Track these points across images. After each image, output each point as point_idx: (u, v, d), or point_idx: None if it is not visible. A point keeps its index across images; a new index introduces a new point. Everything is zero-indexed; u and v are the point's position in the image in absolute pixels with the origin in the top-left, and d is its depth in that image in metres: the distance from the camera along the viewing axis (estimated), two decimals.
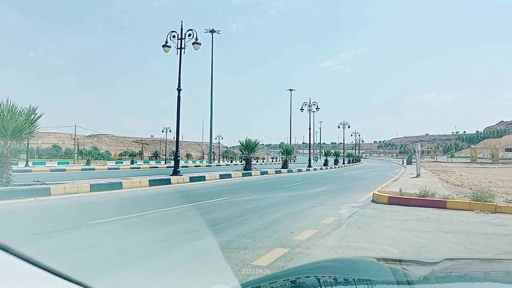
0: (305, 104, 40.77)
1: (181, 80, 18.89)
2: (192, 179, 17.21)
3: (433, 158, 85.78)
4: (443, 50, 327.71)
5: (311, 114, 40.77)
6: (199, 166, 46.45)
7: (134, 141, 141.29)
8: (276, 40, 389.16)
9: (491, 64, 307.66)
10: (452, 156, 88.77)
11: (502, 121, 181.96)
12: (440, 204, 8.97)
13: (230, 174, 21.11)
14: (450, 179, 18.83)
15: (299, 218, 7.28)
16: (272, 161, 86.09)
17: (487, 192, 9.05)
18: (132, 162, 51.39)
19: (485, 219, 7.39)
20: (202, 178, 18.04)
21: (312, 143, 47.02)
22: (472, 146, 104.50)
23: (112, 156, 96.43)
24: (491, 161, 66.37)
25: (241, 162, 47.00)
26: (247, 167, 25.93)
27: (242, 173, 22.77)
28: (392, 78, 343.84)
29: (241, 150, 29.28)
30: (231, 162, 71.41)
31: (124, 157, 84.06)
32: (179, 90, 18.86)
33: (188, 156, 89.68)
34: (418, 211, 8.31)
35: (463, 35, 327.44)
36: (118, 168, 34.79)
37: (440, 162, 66.43)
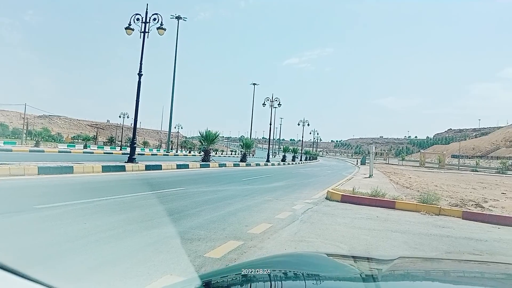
0: (268, 99, 41.04)
1: (142, 64, 18.35)
2: (148, 168, 16.82)
3: (386, 160, 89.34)
4: (403, 57, 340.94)
5: (273, 109, 41.11)
6: (156, 154, 45.56)
7: (88, 125, 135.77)
8: (243, 32, 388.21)
9: (447, 73, 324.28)
10: (403, 159, 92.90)
11: (451, 129, 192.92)
12: (390, 205, 9.36)
13: (188, 165, 20.86)
14: (400, 181, 19.70)
15: (255, 211, 7.32)
16: (231, 154, 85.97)
17: (432, 195, 9.56)
18: (85, 147, 49.45)
19: (430, 221, 7.79)
20: (159, 167, 17.69)
21: (272, 138, 47.49)
22: (422, 151, 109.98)
23: (64, 139, 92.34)
24: (438, 166, 70.15)
25: (199, 153, 46.56)
26: (206, 158, 25.73)
27: (200, 164, 22.57)
28: (354, 80, 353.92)
29: (200, 141, 28.92)
30: (190, 152, 70.51)
31: (77, 140, 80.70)
32: (140, 75, 18.31)
33: (145, 144, 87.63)
34: (369, 210, 8.61)
35: (424, 43, 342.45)
36: (70, 152, 33.37)
37: (392, 164, 69.36)
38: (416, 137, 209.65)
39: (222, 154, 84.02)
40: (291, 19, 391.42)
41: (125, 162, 16.83)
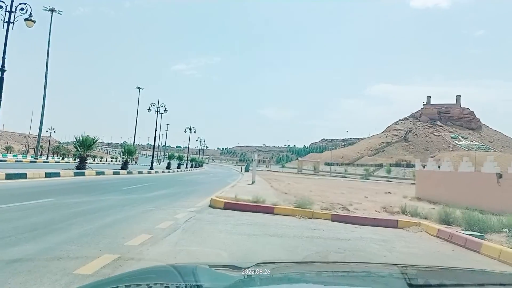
0: (153, 105, 39.69)
1: (5, 59, 16.11)
2: (9, 176, 14.76)
3: (268, 167, 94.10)
4: (283, 69, 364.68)
5: (159, 115, 39.96)
6: (21, 161, 40.31)
7: None
8: (128, 34, 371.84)
9: (320, 87, 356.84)
10: (283, 167, 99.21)
11: (324, 138, 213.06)
12: (269, 210, 9.85)
13: (59, 173, 18.90)
14: (279, 187, 20.92)
15: (134, 222, 6.98)
16: (112, 161, 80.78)
17: (307, 200, 10.38)
18: None
19: (304, 224, 8.43)
20: (23, 176, 15.66)
21: (157, 145, 46.09)
22: (300, 158, 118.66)
23: None
24: (313, 172, 76.53)
25: (75, 160, 42.69)
26: (81, 166, 23.66)
27: (74, 172, 20.67)
28: (239, 90, 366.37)
29: (75, 147, 26.42)
30: (63, 159, 64.10)
31: None
32: (2, 70, 16.04)
33: (9, 148, 76.87)
34: (250, 216, 8.92)
35: (301, 59, 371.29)
36: None
37: (273, 171, 73.37)
38: (294, 145, 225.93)
39: (101, 161, 78.37)
40: (179, 24, 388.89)
41: None
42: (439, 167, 21.24)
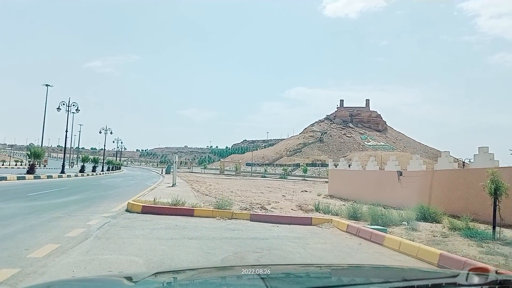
0: (63, 104, 36.87)
1: None
2: None
3: (190, 169, 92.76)
4: (205, 71, 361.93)
5: (70, 115, 37.23)
6: None
7: None
8: (35, 26, 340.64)
9: (242, 90, 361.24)
10: (205, 168, 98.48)
11: (246, 140, 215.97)
12: (189, 212, 9.77)
13: None
14: (200, 189, 20.80)
15: (40, 231, 6.46)
16: (16, 165, 73.29)
17: (226, 201, 10.48)
18: None
19: (223, 225, 8.50)
20: None
21: (69, 147, 42.89)
22: (222, 159, 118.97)
23: None
24: (235, 173, 77.21)
25: None
26: None
27: None
28: (159, 89, 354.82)
29: None
30: None
31: None
32: None
33: None
34: (169, 220, 8.75)
35: (223, 62, 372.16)
36: None
37: (195, 172, 72.61)
38: (217, 147, 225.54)
39: (3, 165, 70.69)
40: (94, 19, 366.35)
41: None
42: (349, 166, 22.82)
